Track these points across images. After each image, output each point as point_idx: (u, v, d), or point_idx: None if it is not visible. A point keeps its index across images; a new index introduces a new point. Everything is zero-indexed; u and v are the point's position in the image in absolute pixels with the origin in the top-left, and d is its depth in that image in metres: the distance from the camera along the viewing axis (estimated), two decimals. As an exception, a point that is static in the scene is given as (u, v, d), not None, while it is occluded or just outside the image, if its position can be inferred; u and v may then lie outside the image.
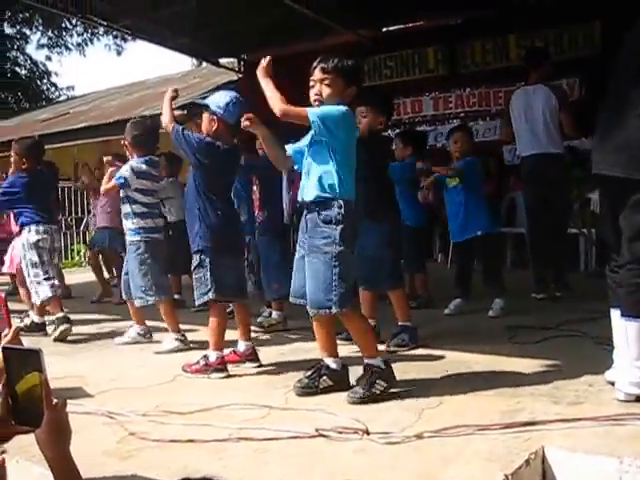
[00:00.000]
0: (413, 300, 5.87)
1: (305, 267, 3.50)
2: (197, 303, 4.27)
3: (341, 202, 3.41)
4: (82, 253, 11.72)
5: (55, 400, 1.67)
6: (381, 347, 4.00)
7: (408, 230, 5.52)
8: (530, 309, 5.67)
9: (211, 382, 3.93)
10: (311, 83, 3.51)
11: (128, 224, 5.10)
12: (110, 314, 6.49)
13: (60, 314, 5.42)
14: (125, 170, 5.08)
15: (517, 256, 8.63)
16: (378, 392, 3.37)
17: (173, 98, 4.32)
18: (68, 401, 1.74)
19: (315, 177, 3.45)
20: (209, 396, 3.51)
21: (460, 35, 9.56)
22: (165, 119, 4.25)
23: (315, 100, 3.49)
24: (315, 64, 3.50)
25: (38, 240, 5.50)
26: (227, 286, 4.13)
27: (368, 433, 2.82)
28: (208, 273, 4.06)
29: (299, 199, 3.60)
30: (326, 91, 3.45)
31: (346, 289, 3.41)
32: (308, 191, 3.50)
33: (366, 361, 3.50)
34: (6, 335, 2.25)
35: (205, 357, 4.08)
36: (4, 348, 1.70)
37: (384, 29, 10.27)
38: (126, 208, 5.12)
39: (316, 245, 3.44)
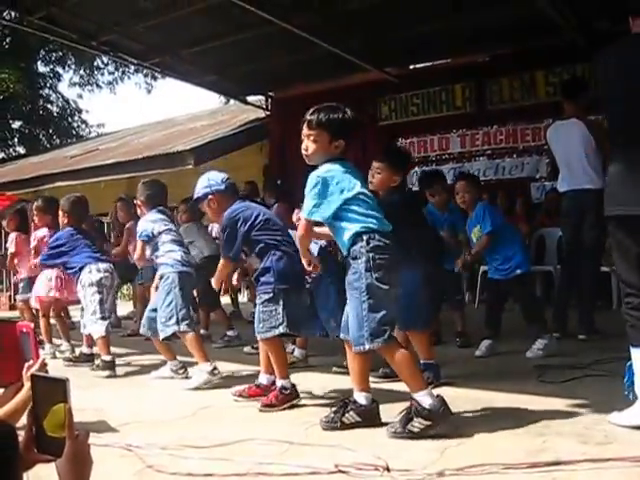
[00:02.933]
0: (457, 338, 5.99)
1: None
2: (266, 335, 4.16)
3: (364, 236, 3.39)
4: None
5: (77, 431, 1.65)
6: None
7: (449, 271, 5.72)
8: (559, 349, 5.55)
9: (232, 416, 3.90)
10: (302, 137, 3.56)
11: (160, 259, 5.19)
12: (137, 348, 6.47)
13: (107, 357, 5.43)
14: (143, 226, 5.28)
15: (545, 295, 8.50)
16: (416, 430, 3.24)
17: None
18: (87, 433, 1.72)
19: (341, 233, 3.50)
20: (229, 431, 3.46)
21: (487, 72, 9.57)
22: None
23: (305, 156, 3.56)
24: (304, 118, 3.54)
25: (101, 278, 5.59)
26: (297, 321, 4.21)
27: (389, 470, 2.75)
28: (280, 308, 4.10)
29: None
30: (311, 147, 3.52)
31: (377, 323, 3.34)
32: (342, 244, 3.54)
33: (412, 395, 3.39)
34: (31, 365, 2.24)
35: (283, 388, 4.06)
36: (32, 375, 1.70)
37: (411, 67, 10.34)
38: (156, 247, 5.25)
39: (349, 281, 3.45)
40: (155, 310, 5.07)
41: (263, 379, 4.31)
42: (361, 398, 3.53)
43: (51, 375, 1.74)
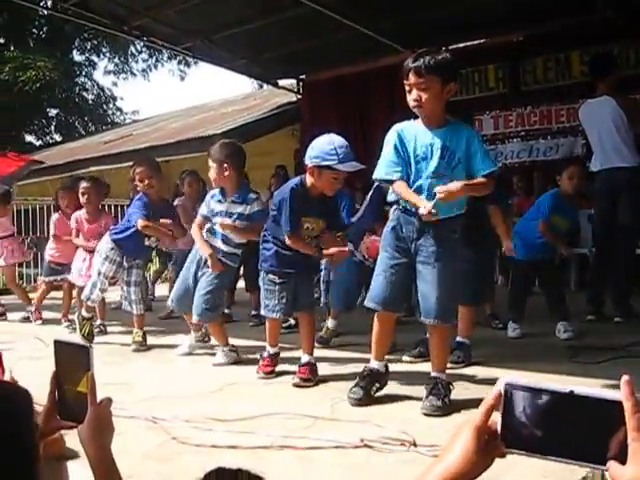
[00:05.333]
0: (497, 320, 5.85)
1: (421, 276, 3.44)
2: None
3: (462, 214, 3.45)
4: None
5: (99, 398, 1.64)
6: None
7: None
8: (594, 331, 5.47)
9: (258, 392, 3.90)
10: (407, 87, 3.35)
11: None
12: (164, 326, 6.50)
13: (85, 314, 5.71)
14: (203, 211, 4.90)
15: (580, 277, 8.36)
16: (448, 404, 3.32)
17: None
18: (114, 405, 1.70)
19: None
20: (255, 405, 3.46)
21: (521, 52, 9.40)
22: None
23: (415, 106, 3.35)
24: (407, 65, 3.32)
25: (111, 252, 5.55)
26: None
27: (415, 445, 2.73)
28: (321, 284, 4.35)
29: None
30: (424, 96, 3.29)
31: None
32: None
33: (436, 374, 3.45)
34: None
35: (313, 363, 4.11)
36: (56, 341, 1.69)
37: (443, 48, 10.19)
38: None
39: (446, 256, 3.40)
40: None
41: (272, 350, 4.36)
42: (379, 365, 3.62)
43: (75, 341, 1.72)
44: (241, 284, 7.42)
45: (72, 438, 1.51)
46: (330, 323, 5.51)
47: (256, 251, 4.53)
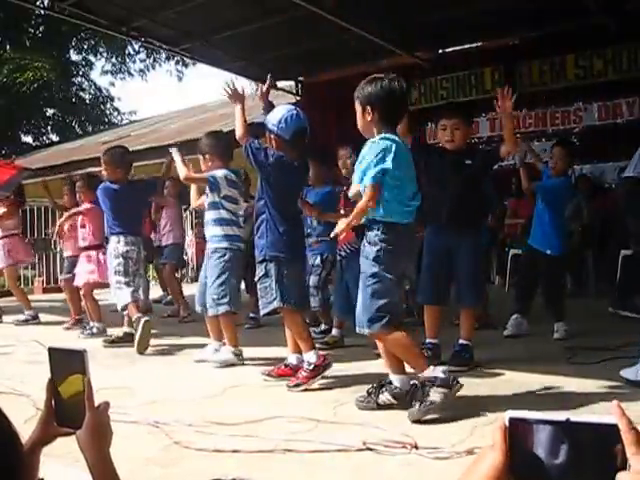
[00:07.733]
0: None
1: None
2: (262, 312, 4.29)
3: (381, 225, 3.38)
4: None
5: (97, 402, 1.66)
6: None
7: None
8: (591, 331, 5.52)
9: (260, 395, 3.92)
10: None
11: (215, 230, 4.95)
12: (173, 329, 6.51)
13: (137, 314, 5.49)
14: (216, 174, 4.92)
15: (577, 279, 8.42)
16: (438, 399, 3.19)
17: (242, 108, 4.45)
18: (116, 410, 1.72)
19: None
20: (257, 409, 3.47)
21: (517, 55, 9.43)
22: (239, 132, 4.31)
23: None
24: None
25: (127, 251, 5.68)
26: (292, 295, 4.15)
27: (417, 447, 2.75)
28: (274, 282, 4.09)
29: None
30: (359, 121, 3.55)
31: (382, 312, 3.34)
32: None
33: (420, 376, 3.33)
34: None
35: (307, 363, 4.06)
36: (49, 348, 1.70)
37: (441, 50, 10.23)
38: (214, 214, 4.96)
39: (362, 264, 3.45)
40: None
41: (292, 359, 4.32)
42: (396, 381, 3.50)
43: (68, 347, 1.73)
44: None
45: (72, 442, 1.52)
46: (335, 332, 5.54)
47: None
